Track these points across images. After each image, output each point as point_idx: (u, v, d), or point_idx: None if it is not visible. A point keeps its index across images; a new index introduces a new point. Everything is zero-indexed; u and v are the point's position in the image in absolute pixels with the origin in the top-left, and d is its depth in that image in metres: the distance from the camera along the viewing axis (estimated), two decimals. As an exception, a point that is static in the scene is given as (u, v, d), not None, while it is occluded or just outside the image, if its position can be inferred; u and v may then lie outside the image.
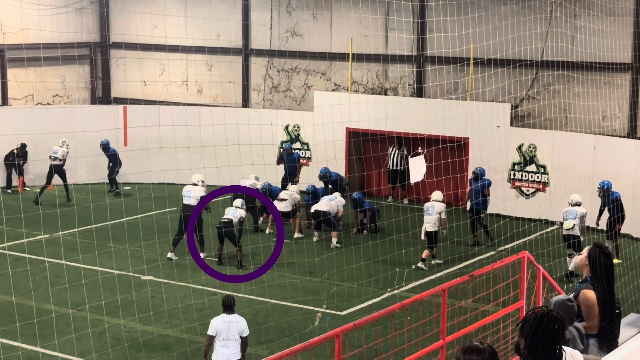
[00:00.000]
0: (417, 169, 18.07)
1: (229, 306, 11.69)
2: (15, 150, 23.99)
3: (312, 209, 19.94)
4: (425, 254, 18.14)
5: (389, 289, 16.58)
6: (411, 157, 19.24)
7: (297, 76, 26.18)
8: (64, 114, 25.29)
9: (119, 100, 27.90)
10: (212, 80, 27.27)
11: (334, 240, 19.59)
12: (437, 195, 18.51)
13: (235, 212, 18.29)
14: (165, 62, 27.59)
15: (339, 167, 23.16)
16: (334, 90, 25.40)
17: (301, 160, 23.95)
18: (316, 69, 25.82)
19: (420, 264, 18.03)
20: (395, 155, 23.79)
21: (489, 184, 19.74)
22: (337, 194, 20.36)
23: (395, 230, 19.92)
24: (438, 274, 17.62)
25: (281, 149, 23.27)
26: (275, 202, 20.47)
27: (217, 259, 18.19)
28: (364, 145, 23.89)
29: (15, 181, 24.31)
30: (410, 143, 22.91)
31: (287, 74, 26.33)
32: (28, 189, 24.31)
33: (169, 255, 18.31)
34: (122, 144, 25.19)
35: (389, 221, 20.18)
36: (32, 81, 26.57)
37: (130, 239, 17.87)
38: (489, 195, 19.70)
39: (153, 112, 25.29)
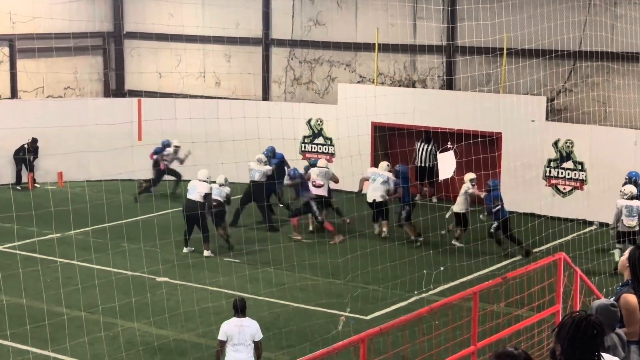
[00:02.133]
0: (447, 165, 18.03)
1: (240, 309, 11.73)
2: (25, 145, 24.15)
3: (369, 199, 20.08)
4: (458, 233, 19.33)
5: (416, 292, 16.55)
6: (440, 152, 19.19)
7: (320, 67, 26.17)
8: (76, 107, 25.44)
9: (133, 93, 28.02)
10: (231, 72, 27.32)
11: (385, 229, 20.01)
12: (468, 175, 19.49)
13: (220, 191, 19.02)
14: (182, 53, 27.66)
15: (364, 163, 23.12)
16: (359, 82, 25.38)
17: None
18: (340, 60, 25.80)
19: (454, 242, 19.25)
20: (424, 150, 23.73)
21: (499, 196, 19.55)
22: (383, 168, 20.31)
23: (422, 230, 19.88)
24: (469, 277, 17.56)
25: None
26: (312, 189, 20.54)
27: (227, 246, 18.91)
28: (390, 140, 23.85)
29: (25, 177, 24.48)
30: (439, 138, 22.83)
31: (310, 65, 26.33)
32: (38, 185, 24.48)
33: (185, 250, 18.66)
34: (137, 138, 25.30)
35: (416, 220, 20.13)
36: (43, 73, 26.73)
37: (145, 238, 17.95)
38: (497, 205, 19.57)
39: (169, 105, 25.37)
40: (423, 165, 23.75)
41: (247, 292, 15.99)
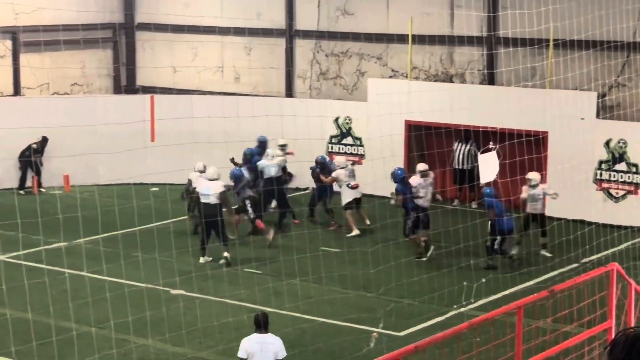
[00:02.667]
0: (488, 167, 18.03)
1: (262, 324, 11.81)
2: (34, 145, 24.27)
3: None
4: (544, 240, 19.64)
5: (455, 306, 16.58)
6: (481, 153, 19.20)
7: (349, 61, 26.24)
8: (83, 105, 25.64)
9: (146, 89, 28.21)
10: (252, 66, 27.43)
11: (423, 239, 20.09)
12: (533, 175, 19.63)
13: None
14: (199, 46, 27.83)
15: (397, 166, 23.12)
16: (391, 77, 25.42)
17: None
18: (371, 53, 25.86)
19: (544, 252, 19.47)
20: (462, 151, 23.74)
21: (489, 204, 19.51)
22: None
23: (462, 239, 19.86)
24: (512, 289, 17.56)
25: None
26: (350, 192, 20.67)
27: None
28: (426, 140, 23.88)
29: (30, 181, 24.62)
30: (479, 138, 22.81)
31: (338, 58, 26.41)
32: (44, 190, 24.65)
33: (202, 260, 18.80)
34: (149, 139, 25.48)
35: (455, 228, 20.14)
36: (48, 68, 26.93)
37: (159, 247, 18.08)
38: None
39: (185, 103, 25.53)
40: (461, 167, 23.76)
41: (270, 306, 16.08)
